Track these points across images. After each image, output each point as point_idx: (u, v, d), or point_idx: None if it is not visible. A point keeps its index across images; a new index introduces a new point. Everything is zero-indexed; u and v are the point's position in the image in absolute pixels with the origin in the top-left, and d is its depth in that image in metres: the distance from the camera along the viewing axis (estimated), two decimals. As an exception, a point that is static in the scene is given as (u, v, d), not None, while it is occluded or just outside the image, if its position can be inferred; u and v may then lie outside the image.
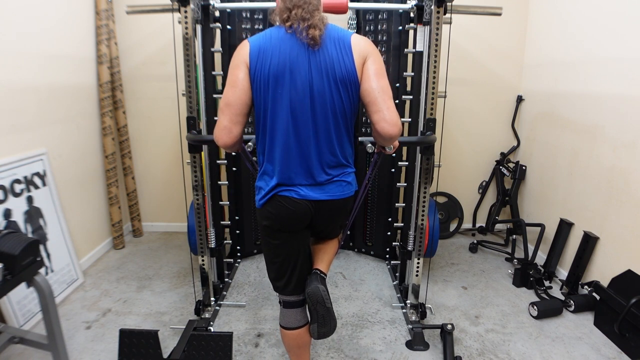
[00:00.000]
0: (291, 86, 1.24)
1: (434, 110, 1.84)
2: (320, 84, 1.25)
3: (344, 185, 1.41)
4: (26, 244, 1.44)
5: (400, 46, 2.42)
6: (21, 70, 2.10)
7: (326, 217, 1.45)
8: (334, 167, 1.37)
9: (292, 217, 1.37)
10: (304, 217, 1.39)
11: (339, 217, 1.50)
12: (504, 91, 3.11)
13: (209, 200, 2.22)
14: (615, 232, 2.12)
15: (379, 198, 2.75)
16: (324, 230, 1.56)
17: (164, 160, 3.19)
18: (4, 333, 1.65)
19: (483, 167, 3.27)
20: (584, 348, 1.92)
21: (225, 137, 1.27)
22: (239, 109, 1.27)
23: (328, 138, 1.31)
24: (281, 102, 1.26)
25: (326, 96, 1.26)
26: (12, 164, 2.01)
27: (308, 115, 1.27)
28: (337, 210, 1.45)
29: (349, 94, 1.28)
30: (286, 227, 1.40)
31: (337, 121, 1.31)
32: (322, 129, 1.29)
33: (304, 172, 1.33)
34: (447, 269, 2.73)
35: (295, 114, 1.26)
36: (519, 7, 2.95)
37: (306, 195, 1.35)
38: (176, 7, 1.80)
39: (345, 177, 1.41)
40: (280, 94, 1.25)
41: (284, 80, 1.24)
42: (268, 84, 1.24)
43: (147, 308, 2.22)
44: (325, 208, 1.41)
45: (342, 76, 1.24)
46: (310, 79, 1.24)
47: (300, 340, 1.53)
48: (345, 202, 1.46)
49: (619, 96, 2.11)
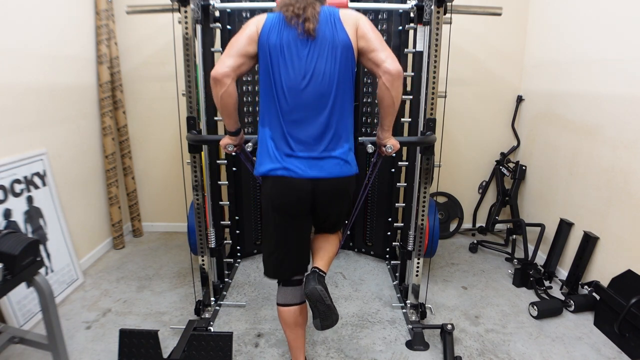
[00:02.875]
0: (295, 56, 1.37)
1: (434, 110, 1.84)
2: (320, 56, 1.38)
3: (342, 164, 1.45)
4: (26, 244, 1.44)
5: (400, 46, 2.42)
6: (21, 70, 2.10)
7: (327, 199, 1.47)
8: (332, 139, 1.43)
9: (292, 196, 1.42)
10: (305, 197, 1.43)
11: (341, 200, 1.52)
12: (504, 91, 3.11)
13: (209, 200, 2.22)
14: (615, 232, 2.12)
15: (379, 198, 2.75)
16: (326, 218, 1.57)
17: (164, 160, 3.20)
18: (4, 333, 1.65)
19: (483, 167, 3.27)
20: (584, 348, 1.92)
21: (218, 67, 1.39)
22: (238, 49, 1.42)
23: (327, 109, 1.41)
24: (285, 70, 1.38)
25: (326, 68, 1.38)
26: (12, 164, 2.01)
27: (308, 85, 1.38)
28: (338, 192, 1.47)
29: (347, 62, 1.40)
30: (287, 208, 1.45)
31: (337, 92, 1.41)
32: (322, 100, 1.40)
33: (303, 139, 1.41)
34: (447, 269, 2.73)
35: (296, 82, 1.38)
36: (519, 7, 2.95)
37: (304, 173, 1.40)
38: (176, 7, 1.81)
39: (343, 156, 1.45)
40: (284, 62, 1.38)
41: (290, 50, 1.37)
42: (272, 51, 1.38)
43: (147, 308, 2.22)
44: (325, 188, 1.44)
45: (338, 45, 1.38)
46: (312, 52, 1.38)
47: (297, 317, 1.58)
48: (346, 183, 1.48)
49: (619, 96, 2.11)
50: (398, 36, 2.43)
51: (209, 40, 2.16)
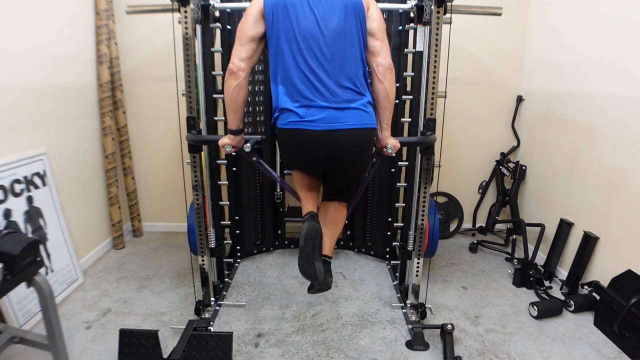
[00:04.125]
0: (307, 8, 1.44)
1: (434, 110, 1.84)
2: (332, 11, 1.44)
3: (363, 114, 1.47)
4: (26, 244, 1.44)
5: (400, 46, 2.42)
6: (21, 70, 2.10)
7: (347, 151, 1.48)
8: (350, 90, 1.46)
9: (308, 148, 1.46)
10: (323, 150, 1.46)
11: (360, 153, 1.53)
12: (504, 91, 3.11)
13: (209, 200, 2.22)
14: (615, 232, 2.12)
15: (379, 198, 2.75)
16: (343, 175, 1.60)
17: (164, 160, 3.20)
18: (4, 333, 1.65)
19: (483, 167, 3.27)
20: (584, 348, 1.92)
21: (233, 59, 1.48)
22: (248, 35, 1.48)
23: (343, 60, 1.45)
24: (296, 22, 1.43)
25: (338, 23, 1.44)
26: (12, 164, 2.01)
27: (323, 35, 1.44)
28: (358, 143, 1.49)
29: (358, 21, 1.46)
30: (303, 160, 1.52)
31: (349, 46, 1.46)
32: (338, 49, 1.45)
33: (322, 90, 1.45)
34: (447, 269, 2.73)
35: (310, 31, 1.44)
36: (519, 7, 2.95)
37: (323, 125, 1.43)
38: (176, 7, 1.80)
39: (363, 107, 1.48)
40: (295, 15, 1.43)
41: (302, 5, 1.43)
42: (279, 11, 1.44)
43: (147, 308, 2.22)
44: (346, 141, 1.45)
45: (352, 7, 1.44)
46: (324, 9, 1.44)
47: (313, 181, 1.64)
48: (367, 134, 1.49)
49: (618, 96, 2.11)
50: (398, 36, 2.43)
51: (209, 40, 2.16)
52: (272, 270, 2.68)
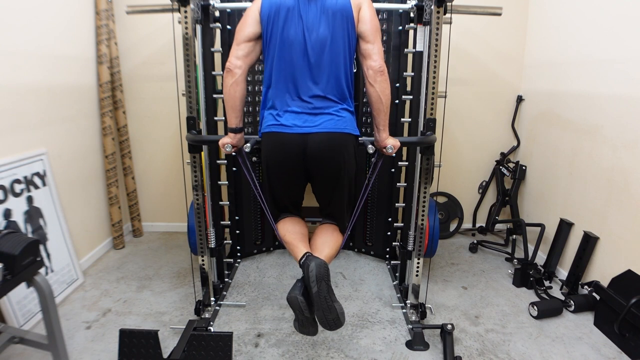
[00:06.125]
0: (296, 16, 1.46)
1: (434, 110, 1.84)
2: (321, 19, 1.46)
3: (336, 119, 1.49)
4: (26, 244, 1.44)
5: (400, 46, 2.42)
6: (21, 70, 2.09)
7: (320, 156, 1.49)
8: (327, 98, 1.50)
9: (284, 150, 1.49)
10: (296, 154, 1.48)
11: (335, 160, 1.52)
12: (504, 91, 3.11)
13: (209, 200, 2.22)
14: (615, 232, 2.12)
15: (379, 198, 2.75)
16: (322, 185, 1.60)
17: (164, 160, 3.20)
18: (4, 333, 1.65)
19: (483, 167, 3.27)
20: (584, 348, 1.92)
21: (230, 57, 1.51)
22: (245, 35, 1.51)
23: (323, 71, 1.48)
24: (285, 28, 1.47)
25: (324, 31, 1.46)
26: (12, 164, 2.01)
27: (306, 44, 1.47)
28: (330, 149, 1.49)
29: (345, 28, 1.47)
30: (279, 163, 1.53)
31: (333, 55, 1.48)
32: (320, 61, 1.48)
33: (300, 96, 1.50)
34: (447, 269, 2.73)
35: (296, 40, 1.47)
36: (519, 7, 2.95)
37: (297, 129, 1.47)
38: (176, 7, 1.80)
39: (337, 112, 1.51)
40: (285, 22, 1.46)
41: (293, 12, 1.46)
42: (272, 15, 1.47)
43: (147, 308, 2.22)
44: (317, 145, 1.47)
45: (337, 12, 1.46)
46: (312, 17, 1.46)
47: (299, 225, 1.65)
48: (339, 140, 1.50)
49: (618, 96, 2.11)
50: (398, 36, 2.43)
51: (208, 40, 2.17)
52: (272, 270, 2.68)
